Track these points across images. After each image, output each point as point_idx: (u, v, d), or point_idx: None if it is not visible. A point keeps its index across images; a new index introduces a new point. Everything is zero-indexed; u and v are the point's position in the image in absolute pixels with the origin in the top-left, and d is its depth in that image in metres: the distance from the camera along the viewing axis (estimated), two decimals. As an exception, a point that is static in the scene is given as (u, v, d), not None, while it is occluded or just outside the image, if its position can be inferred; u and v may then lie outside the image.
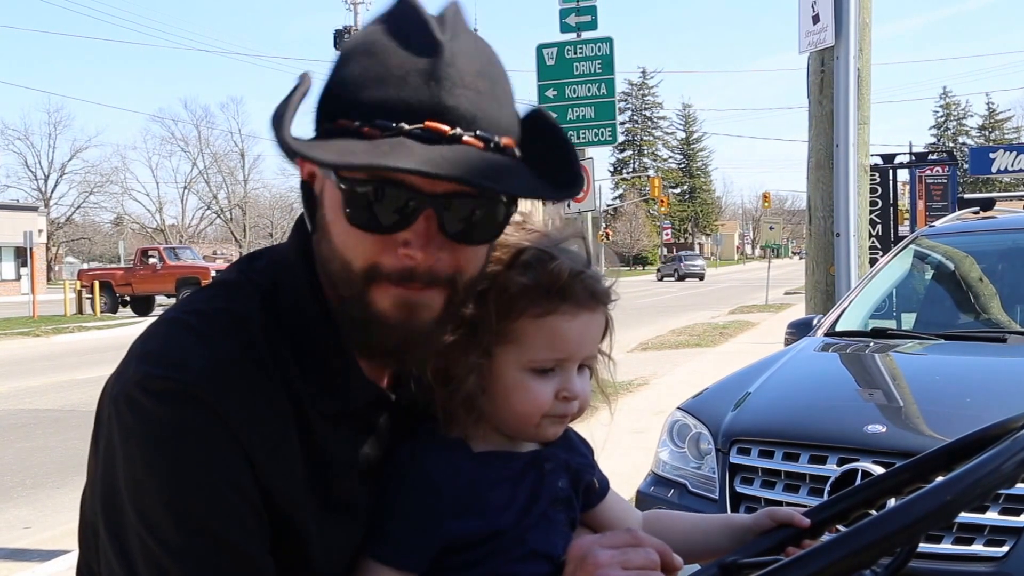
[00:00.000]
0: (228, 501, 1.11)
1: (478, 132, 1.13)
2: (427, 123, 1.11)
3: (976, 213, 6.18)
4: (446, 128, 1.11)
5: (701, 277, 61.42)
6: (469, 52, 1.16)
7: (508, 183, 1.15)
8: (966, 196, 8.78)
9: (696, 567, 1.32)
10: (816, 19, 7.23)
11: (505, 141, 1.17)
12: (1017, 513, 3.07)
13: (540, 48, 11.87)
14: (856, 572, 0.98)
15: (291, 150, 1.10)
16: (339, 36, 36.35)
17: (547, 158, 1.23)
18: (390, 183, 1.11)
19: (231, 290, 1.24)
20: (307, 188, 1.23)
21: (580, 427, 1.42)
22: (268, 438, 1.14)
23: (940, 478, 1.00)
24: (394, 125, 1.10)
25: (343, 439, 1.23)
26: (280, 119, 1.12)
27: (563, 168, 1.23)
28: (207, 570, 1.09)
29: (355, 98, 1.13)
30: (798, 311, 14.06)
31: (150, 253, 33.84)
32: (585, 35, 11.89)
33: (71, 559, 5.54)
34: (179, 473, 1.09)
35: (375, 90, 1.12)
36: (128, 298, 33.18)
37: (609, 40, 11.78)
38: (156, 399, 1.10)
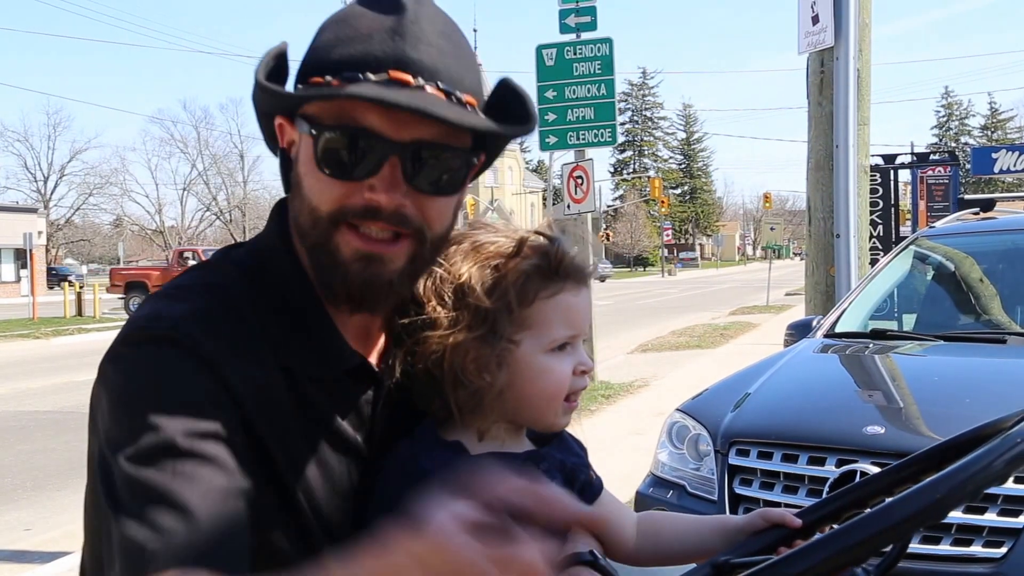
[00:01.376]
0: (201, 421, 1.11)
1: (439, 84, 1.20)
2: (391, 72, 1.17)
3: (976, 214, 6.18)
4: (409, 78, 1.18)
5: (602, 279, 61.74)
6: (432, 16, 1.23)
7: (464, 118, 1.20)
8: (966, 197, 8.77)
9: (691, 566, 1.33)
10: (816, 20, 7.23)
11: (467, 98, 1.23)
12: (1016, 514, 3.07)
13: (540, 49, 11.88)
14: (847, 570, 0.99)
15: (267, 90, 1.19)
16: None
17: (509, 114, 1.29)
18: (358, 130, 1.18)
19: (212, 268, 1.30)
20: (284, 155, 1.30)
21: (580, 427, 1.43)
22: (248, 374, 1.17)
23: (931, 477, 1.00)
24: (360, 76, 1.17)
25: (329, 405, 1.26)
26: (256, 73, 1.20)
27: (520, 113, 1.30)
28: (197, 485, 1.07)
29: (326, 58, 1.21)
30: (799, 312, 14.04)
31: (186, 254, 34.03)
32: (585, 36, 11.89)
33: (72, 561, 5.54)
34: (152, 399, 1.11)
35: (343, 48, 1.20)
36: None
37: (609, 41, 11.78)
38: (134, 347, 1.15)
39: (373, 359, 1.34)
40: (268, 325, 1.23)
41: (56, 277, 56.17)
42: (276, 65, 1.24)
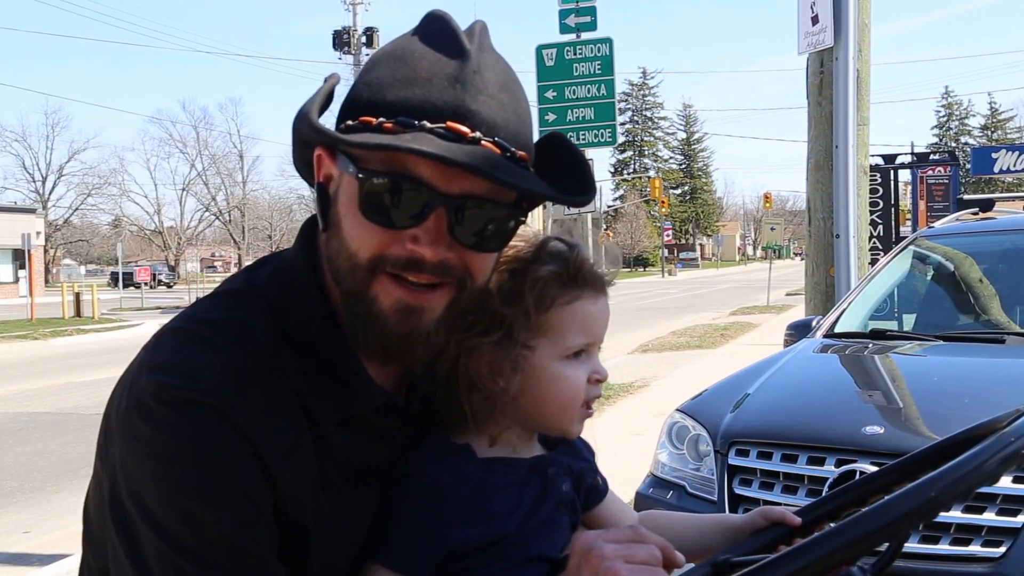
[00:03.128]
0: (244, 509, 1.11)
1: (497, 139, 1.16)
2: (449, 123, 1.13)
3: (975, 214, 6.18)
4: (467, 130, 1.14)
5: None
6: (494, 65, 1.19)
7: (523, 180, 1.17)
8: (965, 197, 8.78)
9: (690, 566, 1.33)
10: (815, 20, 7.23)
11: (521, 154, 1.19)
12: (1014, 514, 3.07)
13: (539, 49, 11.88)
14: (844, 569, 1.00)
15: (317, 130, 1.14)
16: (338, 36, 36.35)
17: (559, 174, 1.26)
18: (407, 178, 1.13)
19: (238, 299, 1.24)
20: (322, 190, 1.24)
21: (591, 428, 1.44)
22: (281, 444, 1.14)
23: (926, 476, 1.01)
24: (416, 123, 1.13)
25: (353, 444, 1.24)
26: (307, 107, 1.16)
27: (575, 179, 1.27)
28: (223, 575, 1.09)
29: (380, 97, 1.16)
30: (799, 312, 14.05)
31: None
32: (585, 36, 11.89)
33: (71, 563, 5.53)
34: (196, 482, 1.09)
35: (400, 90, 1.15)
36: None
37: (609, 41, 11.78)
38: (170, 408, 1.10)
39: (394, 387, 1.31)
40: (295, 371, 1.19)
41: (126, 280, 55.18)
42: (326, 100, 1.21)
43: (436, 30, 1.20)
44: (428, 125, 1.12)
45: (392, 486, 1.27)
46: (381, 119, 1.14)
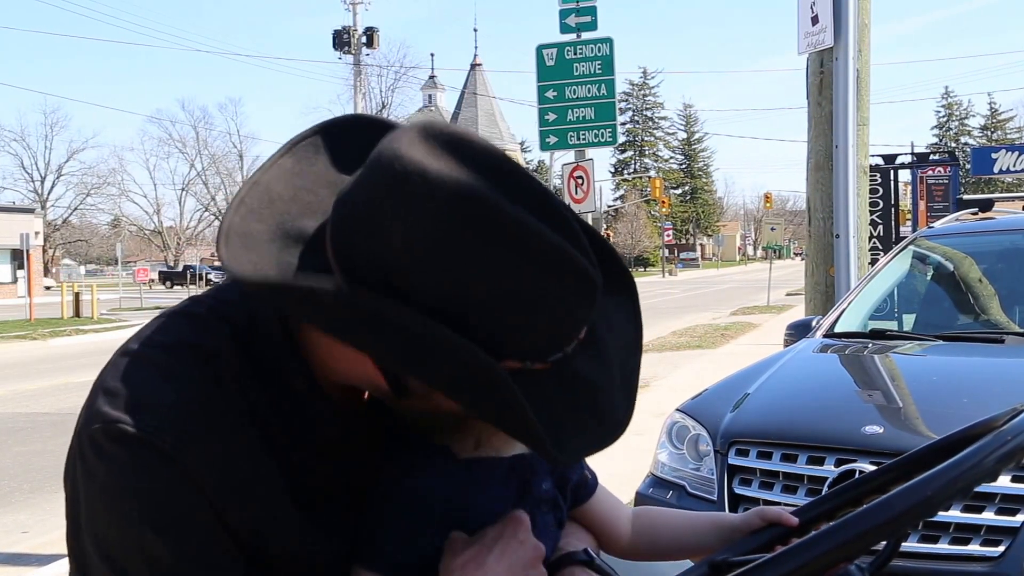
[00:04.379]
0: (193, 542, 1.10)
1: None
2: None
3: (975, 214, 6.18)
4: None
5: None
6: None
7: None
8: (965, 197, 8.77)
9: (687, 564, 1.33)
10: (815, 20, 7.23)
11: None
12: (1013, 513, 3.08)
13: (540, 49, 11.87)
14: (841, 568, 1.00)
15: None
16: (338, 36, 36.34)
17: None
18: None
19: (198, 322, 1.19)
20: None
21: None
22: (232, 479, 1.12)
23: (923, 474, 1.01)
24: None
25: (325, 461, 1.22)
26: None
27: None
28: None
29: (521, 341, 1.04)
30: (799, 312, 14.04)
31: None
32: (585, 36, 11.89)
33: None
34: (143, 520, 1.08)
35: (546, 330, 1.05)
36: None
37: (609, 41, 11.78)
38: (117, 444, 1.08)
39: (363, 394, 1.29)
40: (256, 402, 1.16)
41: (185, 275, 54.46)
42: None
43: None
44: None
45: (374, 490, 1.26)
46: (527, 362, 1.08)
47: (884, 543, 1.06)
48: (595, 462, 1.48)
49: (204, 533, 1.11)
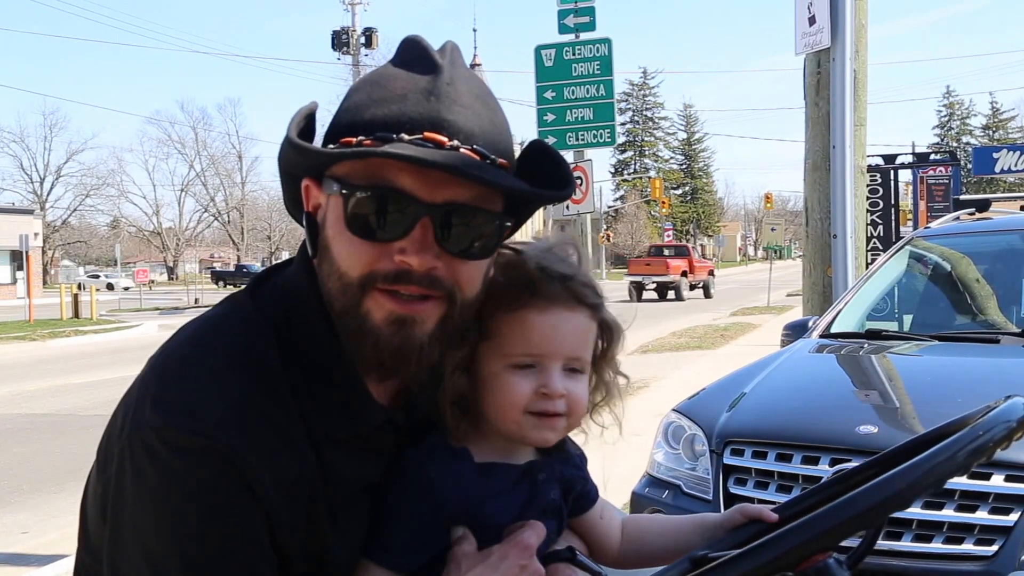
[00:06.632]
0: (244, 553, 1.12)
1: (474, 146, 1.17)
2: (426, 134, 1.15)
3: (972, 214, 6.19)
4: (444, 139, 1.15)
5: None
6: (467, 78, 1.21)
7: (502, 179, 1.18)
8: (962, 197, 8.77)
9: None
10: (812, 20, 7.23)
11: (501, 161, 1.21)
12: (1006, 512, 3.08)
13: (538, 49, 11.88)
14: (820, 560, 1.01)
15: (297, 148, 1.17)
16: (337, 37, 36.39)
17: (541, 176, 1.27)
18: (390, 190, 1.15)
19: (244, 324, 1.23)
20: (311, 219, 1.26)
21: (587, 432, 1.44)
22: (284, 481, 1.15)
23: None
24: (394, 136, 1.15)
25: (355, 463, 1.25)
26: (287, 132, 1.18)
27: (555, 178, 1.27)
28: None
29: (358, 118, 1.19)
30: (799, 313, 14.04)
31: None
32: (583, 36, 11.90)
33: (69, 564, 5.54)
34: (195, 527, 1.10)
35: (377, 109, 1.18)
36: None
37: (608, 41, 11.79)
38: (174, 452, 1.10)
39: (393, 398, 1.33)
40: (298, 394, 1.20)
41: (240, 275, 54.26)
42: (306, 125, 1.22)
43: (409, 53, 1.23)
44: (406, 137, 1.15)
45: (389, 484, 1.28)
46: (360, 137, 1.17)
47: (861, 536, 1.08)
48: (594, 461, 1.50)
49: (256, 542, 1.13)
